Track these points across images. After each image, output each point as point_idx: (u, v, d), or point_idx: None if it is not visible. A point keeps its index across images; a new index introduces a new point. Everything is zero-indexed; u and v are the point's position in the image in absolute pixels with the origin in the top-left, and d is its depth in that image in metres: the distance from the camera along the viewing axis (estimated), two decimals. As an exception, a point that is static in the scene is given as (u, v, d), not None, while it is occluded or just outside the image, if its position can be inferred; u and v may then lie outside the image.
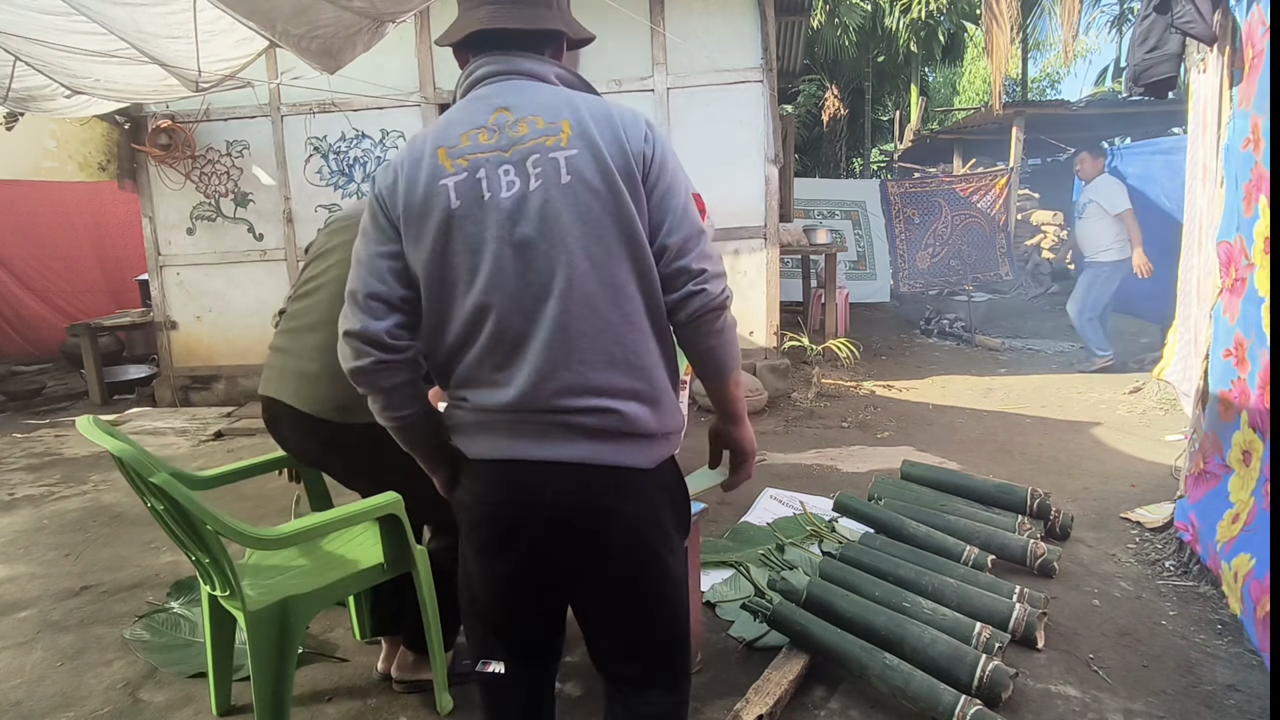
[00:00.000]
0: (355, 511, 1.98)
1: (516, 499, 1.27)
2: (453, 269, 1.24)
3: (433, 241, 1.23)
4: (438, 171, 1.24)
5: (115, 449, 1.70)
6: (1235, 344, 2.69)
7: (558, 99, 1.28)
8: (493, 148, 1.24)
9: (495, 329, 1.23)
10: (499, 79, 1.31)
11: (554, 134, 1.24)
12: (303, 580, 2.02)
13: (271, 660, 1.87)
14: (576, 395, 1.22)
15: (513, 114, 1.26)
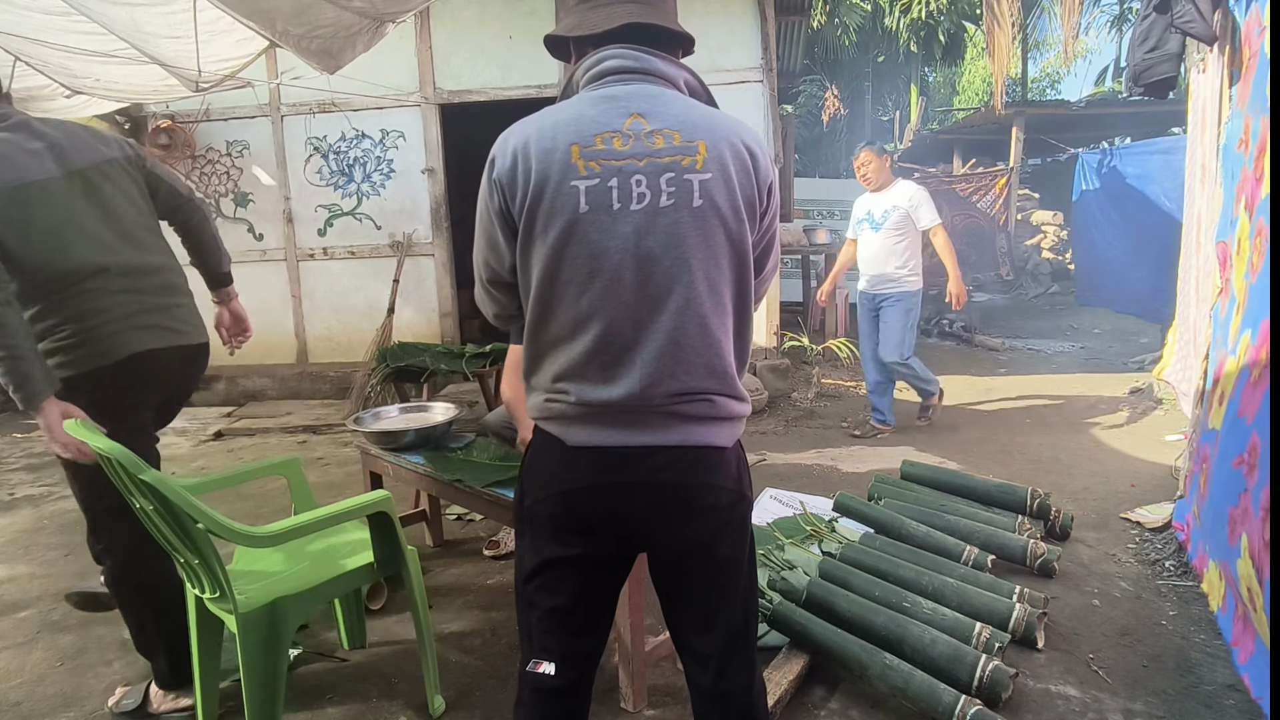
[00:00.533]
0: (345, 509, 1.97)
1: (616, 479, 1.30)
2: (569, 269, 1.25)
3: (555, 240, 1.24)
4: (570, 171, 1.23)
5: (105, 448, 1.68)
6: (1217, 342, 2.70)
7: (693, 115, 1.29)
8: (627, 155, 1.24)
9: (604, 333, 1.26)
10: (630, 78, 1.31)
11: (690, 154, 1.26)
12: (292, 581, 2.02)
13: (262, 662, 1.86)
14: (679, 396, 1.30)
15: (648, 123, 1.26)
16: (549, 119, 1.29)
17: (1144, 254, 6.61)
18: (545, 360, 1.32)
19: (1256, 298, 2.32)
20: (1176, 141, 6.78)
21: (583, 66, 1.34)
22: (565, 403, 1.30)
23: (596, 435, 1.29)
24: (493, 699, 2.21)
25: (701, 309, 1.28)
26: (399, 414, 3.13)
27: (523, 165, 1.25)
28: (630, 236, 1.24)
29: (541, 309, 1.29)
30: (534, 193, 1.24)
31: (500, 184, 1.27)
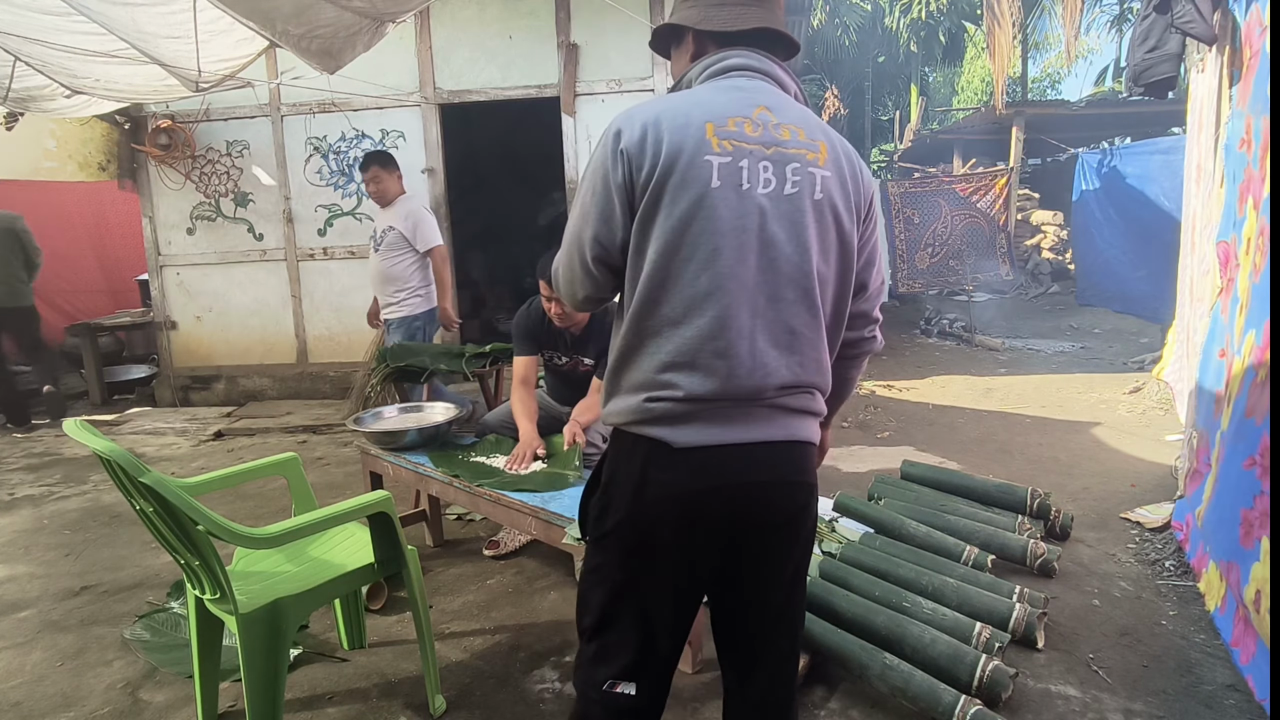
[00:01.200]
0: (345, 510, 1.97)
1: (726, 481, 1.26)
2: (690, 245, 1.22)
3: (683, 213, 1.22)
4: (704, 146, 1.22)
5: (104, 449, 1.67)
6: (1229, 343, 2.70)
7: (810, 119, 1.33)
8: (757, 141, 1.25)
9: (721, 315, 1.22)
10: (752, 75, 1.32)
11: (813, 150, 1.29)
12: (293, 582, 2.01)
13: (263, 663, 1.86)
14: (793, 390, 1.29)
15: (775, 116, 1.28)
16: (678, 101, 1.28)
17: (1144, 254, 6.61)
18: (649, 347, 1.26)
19: (1259, 298, 2.32)
20: (1176, 141, 6.77)
21: (702, 63, 1.35)
22: (672, 399, 1.24)
23: (706, 433, 1.25)
24: (493, 699, 2.21)
25: (816, 300, 1.29)
26: (398, 414, 3.13)
27: (653, 136, 1.23)
28: (756, 217, 1.23)
29: (653, 288, 1.24)
30: (665, 164, 1.22)
31: (627, 154, 1.23)
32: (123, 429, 5.52)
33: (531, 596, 2.81)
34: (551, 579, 2.93)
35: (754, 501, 1.29)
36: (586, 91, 5.73)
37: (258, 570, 2.12)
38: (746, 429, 1.26)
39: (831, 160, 1.30)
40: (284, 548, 2.20)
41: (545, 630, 2.55)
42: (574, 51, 5.68)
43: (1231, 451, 2.44)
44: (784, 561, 1.36)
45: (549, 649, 2.44)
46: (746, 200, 1.23)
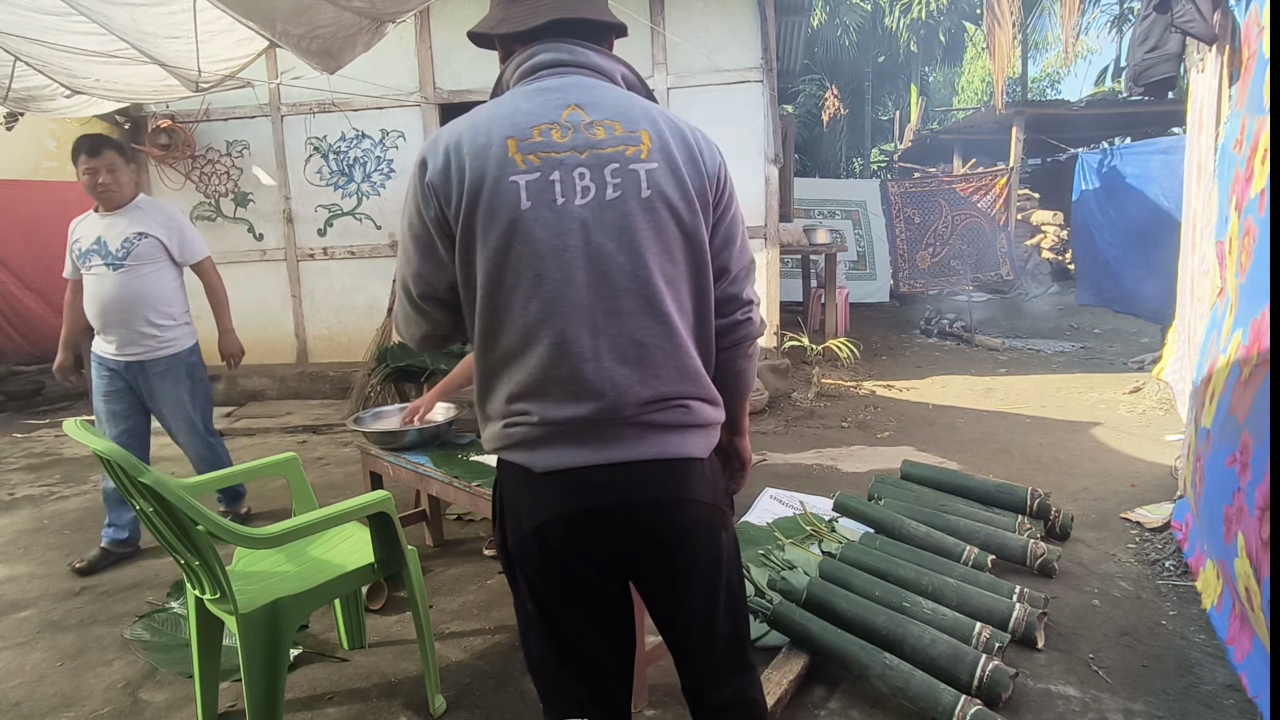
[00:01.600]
0: (346, 510, 1.97)
1: (596, 503, 1.21)
2: (514, 273, 1.16)
3: (497, 242, 1.15)
4: (508, 166, 1.15)
5: (104, 449, 1.67)
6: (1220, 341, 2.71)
7: (633, 106, 1.23)
8: (568, 147, 1.17)
9: (559, 340, 1.16)
10: (564, 71, 1.24)
11: (633, 144, 1.20)
12: (293, 582, 2.01)
13: (263, 663, 1.86)
14: (659, 405, 1.21)
15: (587, 114, 1.20)
16: (481, 115, 1.21)
17: (1144, 254, 6.60)
18: (498, 380, 1.22)
19: (1246, 297, 2.33)
20: (1176, 141, 6.77)
21: (512, 64, 1.27)
22: (527, 424, 1.19)
23: (565, 456, 1.19)
24: (493, 699, 2.21)
25: (664, 306, 1.19)
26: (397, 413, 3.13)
27: (455, 164, 1.16)
28: (578, 232, 1.15)
29: (488, 321, 1.19)
30: (470, 192, 1.15)
31: (433, 187, 1.17)
32: (123, 429, 5.52)
33: (531, 596, 2.80)
34: (551, 579, 2.93)
35: (631, 524, 1.23)
36: (586, 91, 5.73)
37: (258, 570, 2.12)
38: (609, 449, 1.19)
39: (658, 149, 1.20)
40: (284, 548, 2.20)
41: (545, 630, 2.55)
42: (574, 51, 5.67)
43: (1216, 449, 2.45)
44: (690, 580, 1.29)
45: (549, 649, 2.44)
46: (564, 216, 1.15)
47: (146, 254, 3.23)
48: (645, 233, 1.18)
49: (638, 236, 1.17)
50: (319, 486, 4.00)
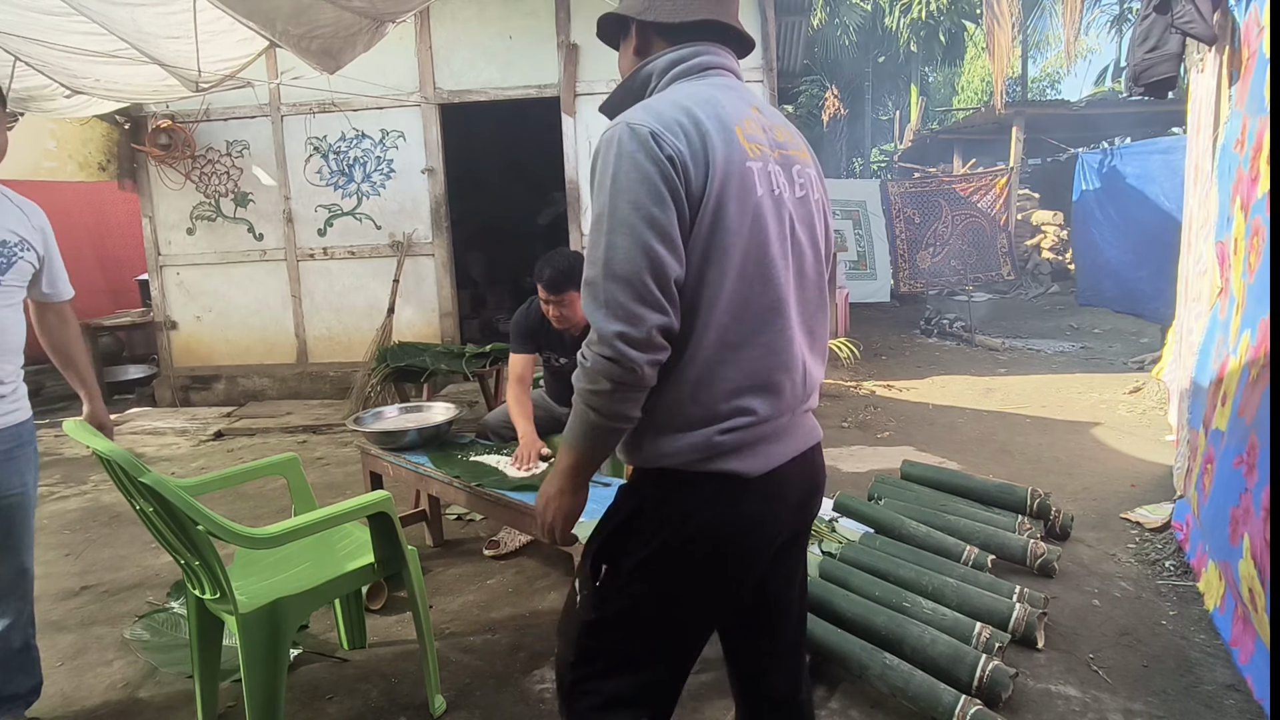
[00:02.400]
0: (346, 510, 1.97)
1: (788, 499, 1.24)
2: (756, 260, 1.14)
3: (740, 227, 1.11)
4: (743, 152, 1.13)
5: (105, 449, 1.67)
6: (1225, 342, 2.70)
7: (784, 118, 1.31)
8: (767, 143, 1.19)
9: (784, 328, 1.17)
10: (726, 74, 1.24)
11: (802, 149, 1.28)
12: (293, 582, 2.01)
13: (263, 663, 1.85)
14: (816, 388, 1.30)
15: (765, 117, 1.23)
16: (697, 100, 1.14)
17: (1144, 254, 6.61)
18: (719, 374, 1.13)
19: (1255, 298, 2.32)
20: (1176, 141, 6.78)
21: (664, 57, 1.23)
22: (745, 426, 1.15)
23: (773, 455, 1.19)
24: (493, 699, 2.21)
25: (827, 300, 1.29)
26: (399, 414, 3.13)
27: (699, 139, 1.09)
28: (789, 224, 1.19)
29: (719, 311, 1.12)
30: (723, 170, 1.09)
31: (678, 160, 1.07)
32: (123, 429, 5.52)
33: (531, 596, 2.81)
34: (551, 579, 2.93)
35: (803, 508, 1.30)
36: (586, 91, 5.73)
37: (257, 570, 2.12)
38: (796, 439, 1.25)
39: (812, 159, 1.31)
40: (284, 548, 2.20)
41: (545, 630, 2.55)
42: (574, 51, 5.68)
43: (1226, 450, 2.45)
44: (800, 560, 1.39)
45: (549, 649, 2.44)
46: (781, 207, 1.18)
47: (25, 273, 2.10)
48: (819, 230, 1.26)
49: (816, 232, 1.25)
50: (319, 486, 4.00)
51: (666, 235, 1.07)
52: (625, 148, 1.07)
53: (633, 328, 1.05)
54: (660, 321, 1.07)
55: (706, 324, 1.12)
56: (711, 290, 1.11)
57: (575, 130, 5.81)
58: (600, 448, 1.17)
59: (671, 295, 1.08)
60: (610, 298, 1.06)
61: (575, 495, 1.23)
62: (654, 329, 1.06)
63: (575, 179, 5.89)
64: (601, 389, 1.08)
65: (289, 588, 1.96)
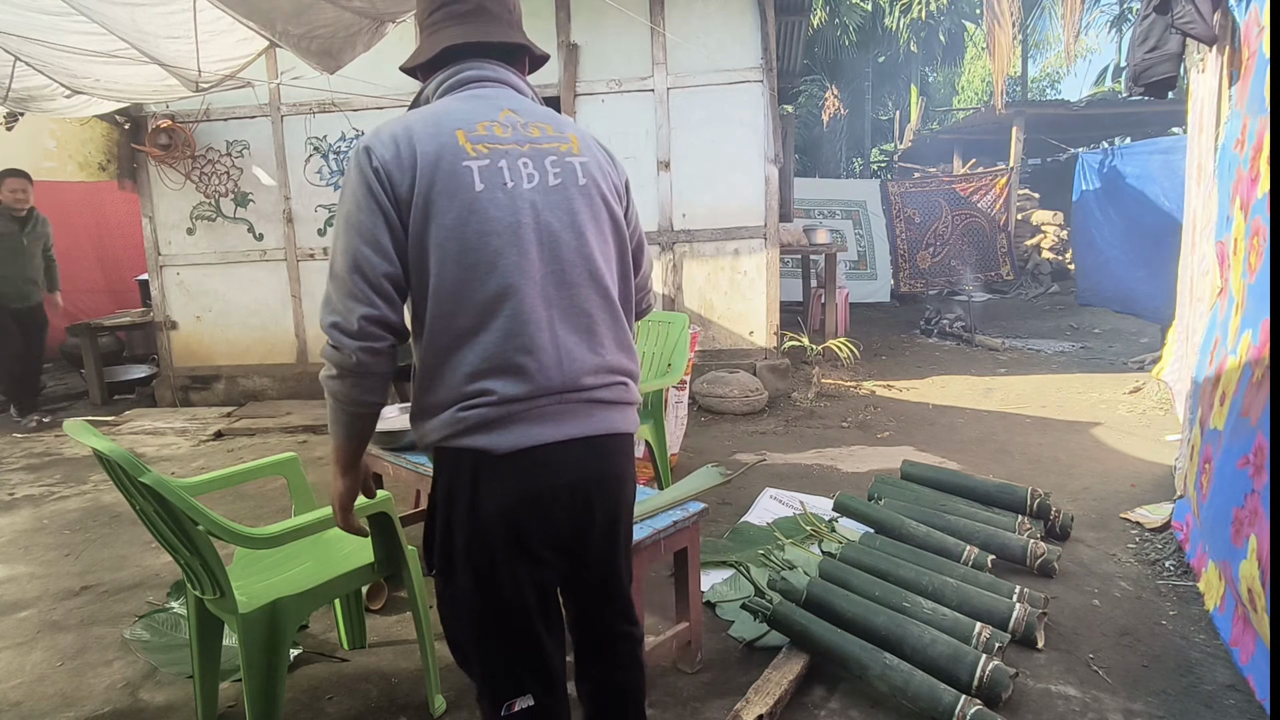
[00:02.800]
0: None
1: (553, 482, 1.28)
2: (473, 250, 1.22)
3: (454, 220, 1.21)
4: (460, 152, 1.24)
5: (105, 449, 1.66)
6: (1216, 343, 2.71)
7: (555, 116, 1.39)
8: (510, 141, 1.29)
9: (517, 312, 1.23)
10: (489, 84, 1.36)
11: (565, 142, 1.35)
12: (293, 582, 2.00)
13: (263, 664, 1.85)
14: (599, 374, 1.31)
15: (521, 117, 1.33)
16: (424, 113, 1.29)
17: (1144, 254, 6.61)
18: (453, 361, 1.24)
19: (1255, 298, 2.32)
20: (1177, 141, 6.78)
21: (435, 80, 1.37)
22: (486, 404, 1.23)
23: (527, 434, 1.25)
24: (493, 699, 2.21)
25: (604, 280, 1.32)
26: (399, 414, 3.13)
27: (407, 150, 1.22)
28: (529, 211, 1.26)
29: (442, 300, 1.23)
30: (424, 175, 1.21)
31: (384, 171, 1.21)
32: (123, 429, 5.52)
33: (531, 596, 2.80)
34: (551, 579, 2.93)
35: (588, 500, 1.33)
36: (586, 91, 5.73)
37: (257, 570, 2.12)
38: (566, 425, 1.28)
39: (585, 148, 1.36)
40: (283, 547, 2.19)
41: (545, 630, 2.55)
42: (574, 51, 5.68)
43: (1227, 450, 2.44)
44: (619, 552, 1.43)
45: (549, 649, 2.44)
46: (515, 198, 1.25)
47: None
48: (585, 215, 1.31)
49: (579, 217, 1.30)
50: (319, 486, 4.00)
51: (370, 236, 1.20)
52: (351, 163, 1.24)
53: (342, 318, 1.21)
54: (365, 312, 1.20)
55: (435, 314, 1.23)
56: (435, 281, 1.22)
57: (575, 130, 5.81)
58: (350, 432, 1.31)
59: (382, 289, 1.21)
60: (328, 294, 1.23)
61: (343, 479, 1.37)
62: (360, 319, 1.20)
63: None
64: (330, 374, 1.24)
65: (288, 588, 1.95)
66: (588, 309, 1.30)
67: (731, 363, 5.78)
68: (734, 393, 5.36)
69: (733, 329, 5.87)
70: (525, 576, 1.30)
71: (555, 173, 1.30)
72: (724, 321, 5.87)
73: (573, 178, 1.31)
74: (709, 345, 5.83)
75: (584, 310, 1.29)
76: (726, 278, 5.82)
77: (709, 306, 5.84)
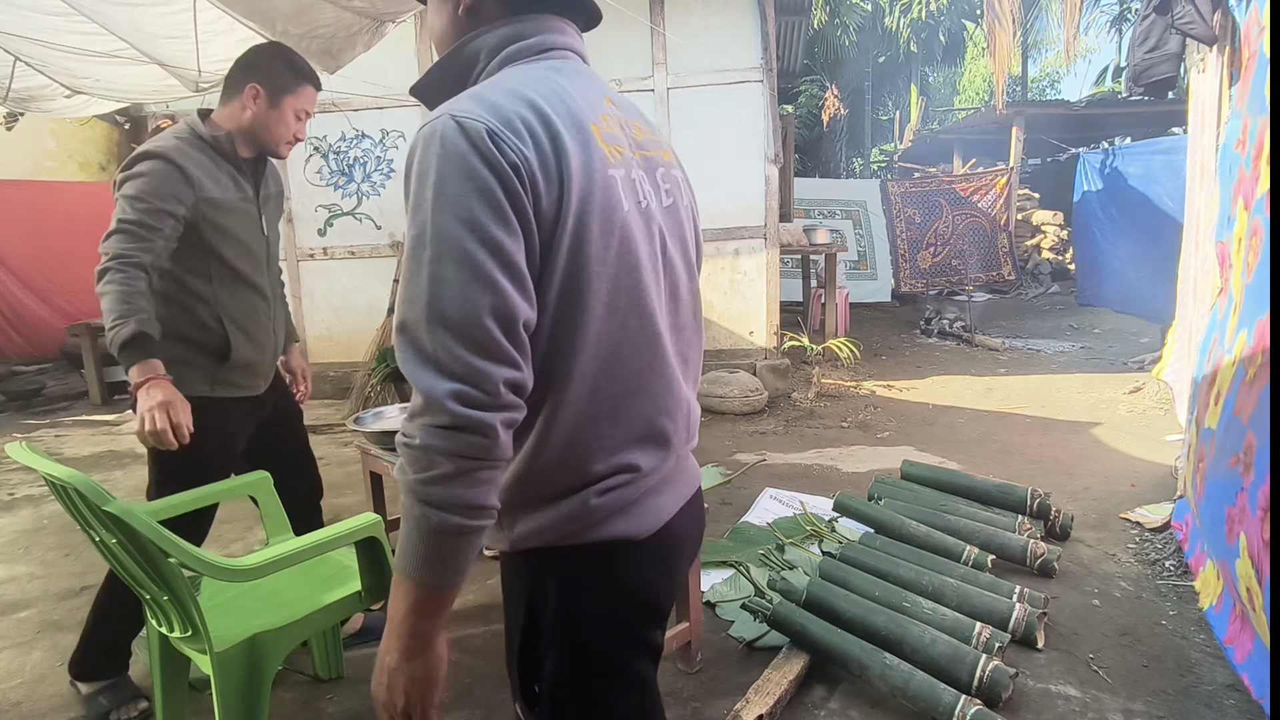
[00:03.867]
0: (333, 536, 1.75)
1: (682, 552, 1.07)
2: (624, 292, 0.92)
3: (615, 248, 0.89)
4: (604, 158, 0.90)
5: (62, 475, 1.45)
6: (1214, 343, 2.71)
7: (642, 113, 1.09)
8: (626, 142, 0.97)
9: (662, 367, 0.96)
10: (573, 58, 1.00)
11: (665, 148, 1.07)
12: (272, 614, 1.79)
13: (242, 708, 1.66)
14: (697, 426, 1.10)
15: (619, 111, 1.01)
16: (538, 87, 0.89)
17: (1146, 254, 6.61)
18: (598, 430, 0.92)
19: (1252, 297, 2.32)
20: (1179, 141, 6.78)
21: (498, 33, 0.96)
22: (624, 484, 0.94)
23: (662, 507, 1.00)
24: (493, 699, 2.21)
25: (702, 322, 1.10)
26: (399, 412, 3.13)
27: (550, 144, 0.85)
28: (659, 240, 0.97)
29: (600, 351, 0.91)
30: (579, 185, 0.86)
31: (524, 170, 0.82)
32: (122, 429, 5.52)
33: (531, 596, 2.80)
34: (551, 579, 2.92)
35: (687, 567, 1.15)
36: (586, 91, 5.73)
37: (228, 601, 1.90)
38: (681, 485, 1.06)
39: (675, 158, 1.09)
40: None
41: (545, 630, 2.55)
42: (574, 51, 5.67)
43: (1220, 449, 2.45)
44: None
45: (549, 649, 2.44)
46: (650, 221, 0.96)
47: None
48: (692, 244, 1.07)
49: (689, 247, 1.05)
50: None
51: (512, 266, 0.82)
52: (454, 148, 0.81)
53: (473, 385, 0.80)
54: (509, 376, 0.82)
55: (570, 373, 0.89)
56: (576, 334, 0.89)
57: (575, 130, 5.81)
58: (450, 564, 0.83)
59: (521, 343, 0.83)
60: (439, 350, 0.80)
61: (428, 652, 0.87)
62: (505, 384, 0.81)
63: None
64: (441, 473, 0.81)
65: (267, 621, 1.74)
66: (690, 356, 1.05)
67: (731, 363, 5.79)
68: (734, 393, 5.36)
69: (733, 329, 5.87)
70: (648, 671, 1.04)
71: (666, 189, 1.01)
72: (724, 321, 5.87)
73: (679, 196, 1.04)
74: (709, 345, 5.83)
75: (688, 358, 1.04)
76: (726, 277, 5.82)
77: (709, 306, 5.84)
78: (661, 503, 1.00)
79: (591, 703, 0.99)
